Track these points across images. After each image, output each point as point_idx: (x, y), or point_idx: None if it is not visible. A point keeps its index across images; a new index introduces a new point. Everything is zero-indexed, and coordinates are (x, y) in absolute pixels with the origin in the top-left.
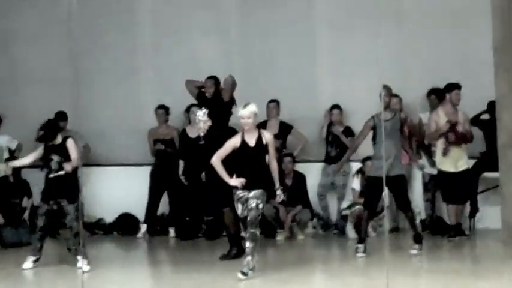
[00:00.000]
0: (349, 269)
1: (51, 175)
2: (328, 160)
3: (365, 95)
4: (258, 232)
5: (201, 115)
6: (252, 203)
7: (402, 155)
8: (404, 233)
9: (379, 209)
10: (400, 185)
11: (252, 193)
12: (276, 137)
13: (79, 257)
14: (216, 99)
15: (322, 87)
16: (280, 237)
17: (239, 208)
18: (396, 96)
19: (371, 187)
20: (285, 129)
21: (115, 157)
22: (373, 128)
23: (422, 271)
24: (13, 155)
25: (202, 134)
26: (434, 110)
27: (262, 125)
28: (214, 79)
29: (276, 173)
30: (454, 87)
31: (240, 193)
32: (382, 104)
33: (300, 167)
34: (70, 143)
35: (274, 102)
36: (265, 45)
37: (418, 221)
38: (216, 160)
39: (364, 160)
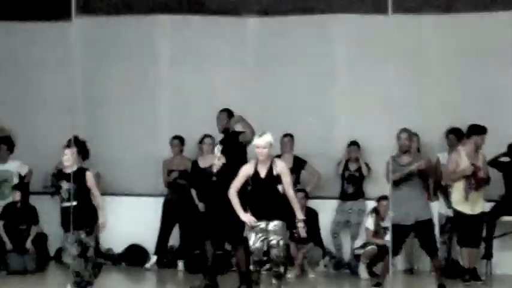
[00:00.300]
0: None
1: (64, 204)
2: (344, 197)
3: (383, 133)
4: (282, 270)
5: (216, 151)
6: (273, 240)
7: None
8: (418, 275)
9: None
10: (427, 230)
11: (272, 227)
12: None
13: None
14: (228, 133)
15: (338, 123)
16: (290, 275)
17: (251, 238)
18: (415, 135)
19: (397, 235)
20: (298, 164)
21: (126, 186)
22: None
23: None
24: (23, 180)
25: (215, 171)
26: (453, 149)
27: None
28: (227, 112)
29: (294, 202)
30: (482, 131)
31: (256, 223)
32: (398, 147)
33: (312, 204)
34: (91, 178)
35: (289, 136)
36: (283, 78)
37: None
38: (232, 192)
39: (379, 199)
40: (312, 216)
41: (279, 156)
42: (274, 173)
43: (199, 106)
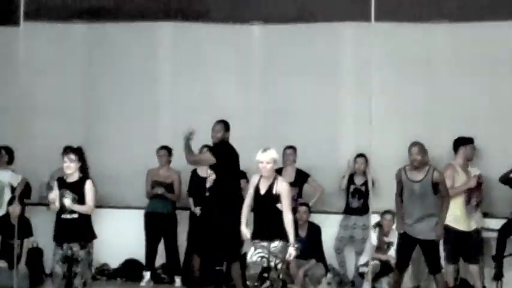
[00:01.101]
0: None
1: (64, 216)
2: (349, 211)
3: (390, 144)
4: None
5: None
6: (272, 262)
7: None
8: None
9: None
10: (431, 249)
11: (272, 248)
12: (291, 185)
13: None
14: (221, 146)
15: (343, 135)
16: None
17: (250, 252)
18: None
19: (402, 244)
20: (301, 178)
21: (123, 199)
22: (401, 183)
23: None
24: (14, 192)
25: (208, 186)
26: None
27: (277, 172)
28: (224, 123)
29: (289, 226)
30: (468, 141)
31: (258, 240)
32: (410, 162)
33: (316, 218)
34: (89, 186)
35: (291, 148)
36: (287, 87)
37: None
38: (244, 208)
39: (383, 214)
40: (314, 232)
41: (281, 170)
42: (274, 191)
43: (201, 115)
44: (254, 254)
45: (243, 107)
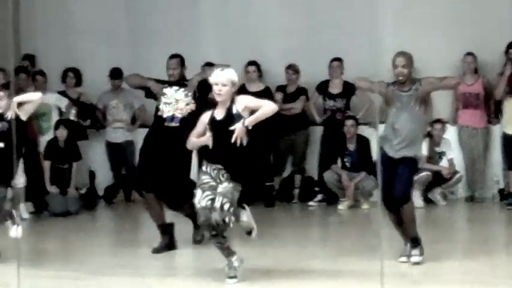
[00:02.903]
0: None
1: None
2: None
3: (434, 53)
4: (222, 240)
5: (182, 96)
6: (217, 203)
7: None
8: (481, 204)
9: (449, 175)
10: (403, 167)
11: (221, 187)
12: (339, 97)
13: None
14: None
15: (388, 44)
16: (342, 206)
17: (197, 195)
18: (470, 54)
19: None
20: (348, 90)
21: None
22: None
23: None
24: (61, 115)
25: (180, 116)
26: None
27: (324, 84)
28: (180, 58)
29: (262, 109)
30: None
31: (206, 179)
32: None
33: (365, 131)
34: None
35: (338, 61)
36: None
37: (496, 191)
38: (190, 146)
39: (433, 123)
40: (363, 145)
41: (327, 82)
42: (234, 111)
43: (244, 35)
44: (202, 197)
45: (285, 21)
